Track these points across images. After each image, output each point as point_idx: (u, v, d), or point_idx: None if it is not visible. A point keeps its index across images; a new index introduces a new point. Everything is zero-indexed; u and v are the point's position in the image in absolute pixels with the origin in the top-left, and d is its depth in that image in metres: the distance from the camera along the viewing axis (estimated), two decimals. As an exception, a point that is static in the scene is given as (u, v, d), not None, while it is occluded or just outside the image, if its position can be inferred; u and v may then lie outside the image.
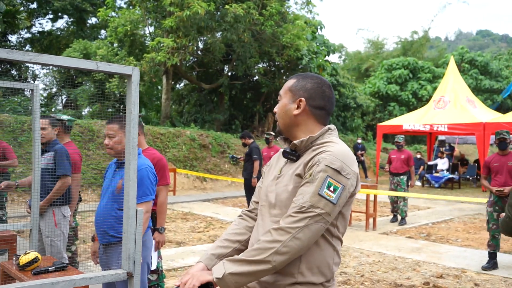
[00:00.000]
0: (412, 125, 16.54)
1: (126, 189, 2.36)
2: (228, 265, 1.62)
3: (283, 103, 1.88)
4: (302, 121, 1.85)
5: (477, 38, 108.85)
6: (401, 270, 6.00)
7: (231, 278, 1.59)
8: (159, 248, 3.90)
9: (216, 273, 1.61)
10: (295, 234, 1.60)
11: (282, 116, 1.87)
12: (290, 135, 1.89)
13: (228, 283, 1.60)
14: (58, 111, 21.78)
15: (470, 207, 11.90)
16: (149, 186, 3.08)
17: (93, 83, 21.15)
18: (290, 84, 1.89)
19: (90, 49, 20.65)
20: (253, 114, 23.16)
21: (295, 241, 1.59)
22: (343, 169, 1.67)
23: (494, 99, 30.21)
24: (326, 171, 1.65)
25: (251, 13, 17.10)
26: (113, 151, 3.11)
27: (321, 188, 1.63)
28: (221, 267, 1.62)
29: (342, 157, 1.69)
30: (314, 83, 1.88)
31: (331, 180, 1.64)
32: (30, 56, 2.07)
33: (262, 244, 1.62)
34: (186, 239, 7.55)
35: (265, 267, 1.60)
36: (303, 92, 1.86)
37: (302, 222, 1.61)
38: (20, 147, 11.19)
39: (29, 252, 2.84)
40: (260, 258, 1.60)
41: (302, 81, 1.89)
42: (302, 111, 1.84)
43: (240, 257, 1.63)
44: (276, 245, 1.60)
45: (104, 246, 3.11)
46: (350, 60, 39.45)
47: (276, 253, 1.59)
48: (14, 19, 17.46)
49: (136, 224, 2.39)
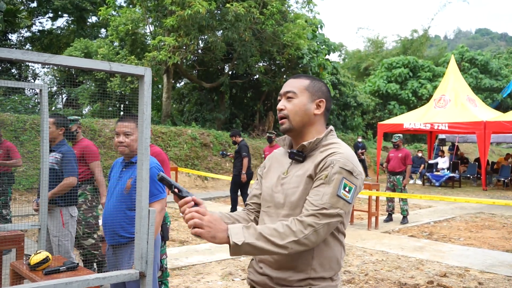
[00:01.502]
0: (413, 123, 16.56)
1: (139, 189, 2.36)
2: (248, 235, 1.62)
3: (301, 101, 1.90)
4: (317, 121, 1.93)
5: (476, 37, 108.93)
6: (404, 269, 6.01)
7: (246, 248, 1.61)
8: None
9: (235, 238, 1.60)
10: (318, 229, 1.67)
11: (300, 114, 1.89)
12: (300, 133, 1.92)
13: (241, 251, 1.62)
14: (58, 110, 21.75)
15: (471, 205, 11.92)
16: (160, 183, 3.08)
17: (94, 82, 21.14)
18: (305, 84, 1.93)
19: (91, 48, 20.63)
20: (253, 113, 23.16)
21: (315, 236, 1.67)
22: (354, 170, 1.76)
23: (494, 97, 30.26)
24: (341, 173, 1.73)
25: (252, 12, 17.09)
26: (128, 149, 3.09)
27: (339, 189, 1.71)
28: (240, 234, 1.62)
29: (351, 158, 1.79)
30: (326, 86, 1.99)
31: (346, 181, 1.73)
32: (45, 57, 2.08)
33: (286, 229, 1.65)
34: (190, 237, 7.56)
35: (280, 250, 1.64)
36: (321, 93, 1.94)
37: (325, 219, 1.69)
38: (22, 146, 11.19)
39: (40, 252, 2.85)
40: (281, 243, 1.63)
41: (316, 82, 1.95)
42: (322, 111, 1.92)
43: (261, 231, 1.64)
44: (299, 236, 1.65)
45: (113, 247, 3.08)
46: (350, 59, 39.43)
47: (296, 243, 1.64)
48: (15, 18, 17.43)
49: (149, 224, 2.40)
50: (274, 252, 1.64)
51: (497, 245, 7.48)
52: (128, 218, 2.98)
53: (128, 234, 3.00)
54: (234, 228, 1.63)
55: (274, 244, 1.63)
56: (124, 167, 3.14)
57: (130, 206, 2.94)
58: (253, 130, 21.37)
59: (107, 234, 3.07)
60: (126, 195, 3.00)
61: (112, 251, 3.08)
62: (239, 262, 6.13)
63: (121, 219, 2.98)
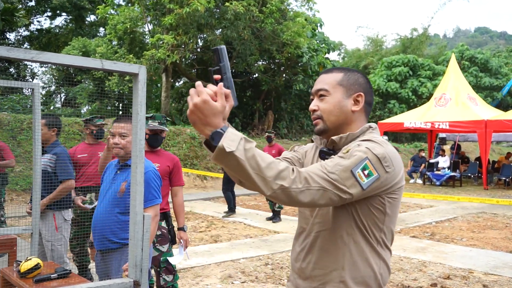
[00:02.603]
0: (413, 122, 16.48)
1: (133, 194, 2.25)
2: (242, 148, 1.35)
3: (337, 99, 1.68)
4: (356, 118, 1.71)
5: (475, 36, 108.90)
6: (407, 270, 5.90)
7: (231, 160, 1.34)
8: (187, 246, 4.03)
9: (227, 143, 1.33)
10: (311, 189, 1.42)
11: (336, 113, 1.68)
12: (337, 134, 1.70)
13: (224, 161, 1.36)
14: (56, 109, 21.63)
15: (473, 205, 11.81)
16: (156, 188, 2.96)
17: (92, 81, 21.01)
18: (338, 78, 1.71)
19: (89, 47, 20.51)
20: (253, 111, 23.05)
21: (305, 195, 1.41)
22: (385, 159, 1.52)
23: (494, 96, 30.18)
24: (366, 153, 1.50)
25: (251, 11, 16.99)
26: (123, 151, 2.97)
27: (356, 166, 1.47)
28: (236, 142, 1.34)
29: (388, 151, 1.55)
30: (364, 77, 1.75)
31: (369, 164, 1.48)
32: (32, 54, 1.96)
33: (284, 173, 1.40)
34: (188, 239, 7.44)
35: (263, 187, 1.38)
36: (358, 86, 1.71)
37: (324, 183, 1.44)
38: (19, 146, 11.07)
39: (30, 259, 2.73)
40: (269, 179, 1.37)
41: (351, 74, 1.73)
42: (360, 107, 1.71)
43: (257, 155, 1.37)
44: (291, 185, 1.40)
45: (101, 252, 2.96)
46: (349, 57, 39.32)
47: (283, 190, 1.39)
48: (12, 17, 17.31)
49: (143, 230, 2.29)
50: (255, 184, 1.37)
51: (500, 246, 7.37)
52: (120, 223, 2.86)
53: (118, 239, 2.88)
54: (233, 133, 1.36)
55: (261, 177, 1.36)
56: (119, 169, 3.02)
57: (123, 210, 2.83)
58: (253, 129, 21.27)
59: (96, 239, 2.95)
60: (119, 199, 2.88)
61: (101, 257, 2.96)
62: (238, 264, 6.02)
63: (112, 223, 2.86)
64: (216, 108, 1.36)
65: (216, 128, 1.36)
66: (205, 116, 1.35)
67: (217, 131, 1.36)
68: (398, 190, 1.60)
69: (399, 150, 23.76)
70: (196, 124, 1.37)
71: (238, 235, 7.80)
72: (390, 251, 1.67)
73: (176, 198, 4.04)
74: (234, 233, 7.96)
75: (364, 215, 1.58)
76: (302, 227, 1.76)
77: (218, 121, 1.37)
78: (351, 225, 1.59)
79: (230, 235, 7.82)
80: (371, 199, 1.56)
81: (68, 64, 2.05)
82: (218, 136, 1.35)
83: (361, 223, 1.58)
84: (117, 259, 2.90)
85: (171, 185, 4.04)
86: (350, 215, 1.59)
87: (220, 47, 1.44)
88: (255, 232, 8.13)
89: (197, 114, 1.35)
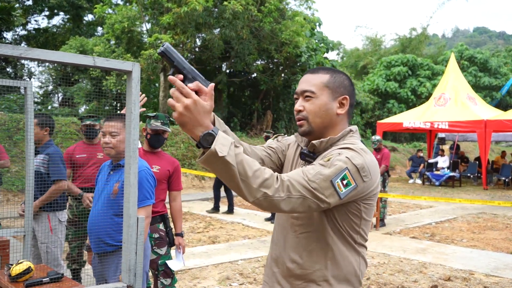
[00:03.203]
0: (413, 122, 16.43)
1: (126, 195, 2.17)
2: (232, 153, 1.35)
3: (322, 101, 1.67)
4: (340, 121, 1.73)
5: (474, 35, 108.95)
6: (407, 272, 5.83)
7: (220, 164, 1.34)
8: (184, 252, 3.95)
9: (219, 147, 1.33)
10: (291, 197, 1.44)
11: (322, 116, 1.68)
12: (321, 136, 1.71)
13: (213, 164, 1.35)
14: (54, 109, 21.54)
15: (473, 205, 11.75)
16: (149, 189, 2.88)
17: (90, 81, 20.91)
18: (325, 79, 1.70)
19: (86, 46, 20.41)
20: (251, 111, 22.98)
21: (285, 202, 1.44)
22: (364, 170, 1.54)
23: (493, 96, 30.14)
24: (346, 163, 1.52)
25: (249, 10, 16.91)
26: (114, 150, 2.89)
27: (336, 176, 1.49)
28: (226, 147, 1.35)
29: (367, 160, 1.58)
30: (348, 79, 1.75)
31: (348, 174, 1.51)
32: (20, 51, 1.88)
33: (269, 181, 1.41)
34: (186, 240, 7.36)
35: (247, 194, 1.40)
36: (344, 89, 1.72)
37: (304, 193, 1.46)
38: (16, 146, 10.98)
39: (21, 262, 2.64)
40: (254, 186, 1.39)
41: (337, 76, 1.72)
42: (345, 110, 1.72)
43: (245, 161, 1.38)
44: (274, 194, 1.41)
45: (98, 255, 2.89)
46: (348, 57, 39.26)
47: (266, 198, 1.41)
48: (9, 16, 17.17)
49: (137, 233, 2.21)
50: (240, 189, 1.39)
51: (501, 247, 7.31)
52: (115, 225, 2.79)
53: (114, 242, 2.81)
54: (224, 137, 1.36)
55: (246, 184, 1.38)
56: (112, 170, 2.94)
57: (118, 211, 2.75)
58: (251, 129, 21.19)
59: (92, 242, 2.88)
60: (113, 200, 2.80)
61: (98, 259, 2.89)
62: (236, 266, 5.95)
63: (107, 225, 2.78)
64: (206, 108, 1.37)
65: (207, 129, 1.37)
66: (196, 117, 1.35)
67: (208, 132, 1.36)
68: (373, 196, 1.65)
69: (398, 150, 23.72)
70: (187, 125, 1.36)
71: (236, 236, 7.73)
72: (365, 247, 1.74)
73: (175, 203, 3.95)
74: (232, 234, 7.88)
75: (342, 219, 1.64)
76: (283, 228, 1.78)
77: (208, 121, 1.38)
78: (332, 228, 1.64)
79: (228, 236, 7.75)
80: (348, 205, 1.61)
81: (58, 61, 1.97)
82: (211, 138, 1.36)
83: (340, 226, 1.64)
84: (114, 262, 2.83)
85: (170, 190, 3.95)
86: (330, 219, 1.64)
87: (162, 49, 1.38)
88: (253, 233, 8.06)
89: (188, 116, 1.35)
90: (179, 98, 1.33)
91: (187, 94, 1.34)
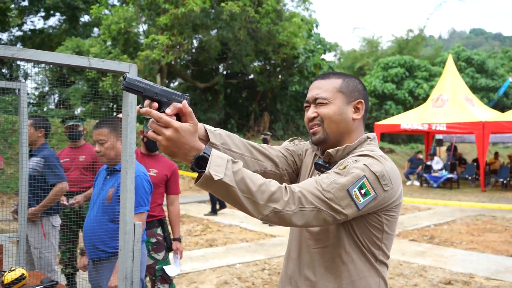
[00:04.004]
0: (410, 124, 16.38)
1: (123, 201, 2.10)
2: (230, 173, 1.26)
3: (337, 107, 1.57)
4: (356, 127, 1.62)
5: (470, 37, 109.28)
6: (407, 276, 5.77)
7: (218, 187, 1.26)
8: (181, 257, 3.87)
9: (214, 169, 1.24)
10: (303, 210, 1.34)
11: (338, 122, 1.57)
12: (336, 145, 1.60)
13: (211, 188, 1.26)
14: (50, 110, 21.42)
15: (471, 207, 11.70)
16: (144, 195, 2.79)
17: (86, 82, 20.80)
18: (337, 84, 1.60)
19: (83, 47, 20.31)
20: (248, 113, 22.92)
21: (298, 216, 1.34)
22: (384, 178, 1.42)
23: (490, 97, 30.16)
24: (364, 170, 1.40)
25: (247, 11, 16.85)
26: (105, 158, 2.82)
27: (353, 185, 1.37)
28: (222, 167, 1.26)
29: (387, 167, 1.46)
30: (361, 83, 1.65)
31: (366, 182, 1.39)
32: (13, 51, 1.81)
33: (277, 195, 1.31)
34: (183, 243, 7.28)
35: (254, 213, 1.30)
36: (358, 93, 1.62)
37: (319, 204, 1.35)
38: (11, 147, 10.88)
39: (15, 269, 2.56)
40: (261, 203, 1.29)
41: (350, 80, 1.62)
42: (361, 115, 1.62)
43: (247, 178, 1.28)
44: (284, 207, 1.31)
45: (93, 262, 2.82)
46: (345, 59, 39.23)
47: (276, 213, 1.31)
48: (5, 17, 17.11)
49: (134, 240, 2.14)
50: (245, 208, 1.29)
51: (501, 250, 7.25)
52: (110, 231, 2.71)
53: (109, 248, 2.73)
54: (219, 157, 1.27)
55: (252, 201, 1.28)
56: (108, 174, 2.86)
57: (113, 217, 2.68)
58: (248, 131, 21.12)
59: (87, 248, 2.81)
60: (108, 206, 2.73)
61: (93, 266, 2.81)
62: (234, 270, 5.87)
63: (102, 231, 2.71)
64: (190, 130, 1.27)
65: (199, 152, 1.27)
66: (183, 144, 1.26)
67: (200, 156, 1.27)
68: (396, 207, 1.53)
69: (396, 152, 23.70)
70: (177, 155, 1.27)
71: (234, 239, 7.65)
72: (387, 266, 1.60)
73: (173, 207, 3.88)
74: (230, 237, 7.81)
75: (361, 232, 1.51)
76: (298, 241, 1.65)
77: (197, 143, 1.28)
78: (349, 243, 1.52)
79: (226, 239, 7.67)
80: (368, 216, 1.49)
81: (52, 62, 1.90)
82: (203, 161, 1.26)
83: (359, 241, 1.52)
84: (108, 268, 2.76)
85: (167, 193, 3.88)
86: (348, 232, 1.52)
87: (124, 83, 1.26)
88: (251, 236, 7.98)
89: (174, 145, 1.25)
90: (159, 131, 1.24)
91: (166, 123, 1.23)
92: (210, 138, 1.49)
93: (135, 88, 1.26)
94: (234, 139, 1.58)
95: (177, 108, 1.28)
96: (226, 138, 1.55)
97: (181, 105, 1.28)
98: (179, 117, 1.29)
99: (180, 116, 1.29)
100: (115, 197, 2.71)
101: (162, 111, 1.28)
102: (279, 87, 22.05)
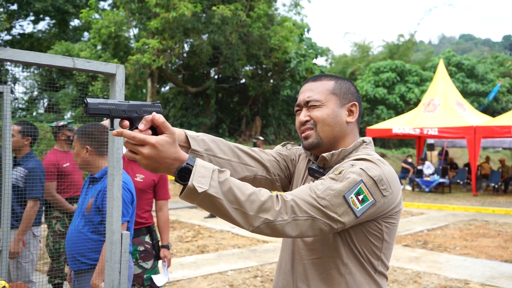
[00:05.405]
0: (402, 128, 16.37)
1: (109, 210, 1.99)
2: (215, 183, 1.18)
3: (331, 109, 1.49)
4: (351, 130, 1.54)
5: (460, 42, 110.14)
6: (401, 282, 5.68)
7: (204, 199, 1.17)
8: (169, 265, 3.72)
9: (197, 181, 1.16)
10: (297, 219, 1.25)
11: (332, 125, 1.49)
12: (330, 149, 1.51)
13: (196, 201, 1.18)
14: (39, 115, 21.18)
15: (464, 212, 11.67)
16: (124, 205, 2.68)
17: (75, 86, 20.60)
18: (330, 86, 1.52)
19: (72, 51, 20.12)
20: (240, 117, 22.83)
21: (292, 226, 1.25)
22: (382, 182, 1.34)
23: (481, 102, 30.32)
24: (360, 175, 1.32)
25: (238, 15, 16.80)
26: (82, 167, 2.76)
27: (349, 191, 1.29)
28: (207, 178, 1.17)
29: (385, 171, 1.37)
30: (353, 85, 1.58)
31: (364, 188, 1.30)
32: (-9, 51, 1.70)
33: (267, 204, 1.22)
34: (174, 249, 7.16)
35: (245, 223, 1.21)
36: (351, 95, 1.54)
37: (313, 213, 1.26)
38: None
39: (-5, 281, 2.45)
40: (251, 213, 1.20)
41: (342, 82, 1.55)
42: (355, 118, 1.54)
43: (234, 188, 1.20)
44: (276, 219, 1.23)
45: (75, 273, 2.71)
46: (337, 63, 39.30)
47: (267, 224, 1.22)
48: (-7, 20, 16.90)
49: (121, 251, 2.03)
50: (234, 220, 1.21)
51: (494, 255, 7.20)
52: (90, 242, 2.61)
53: (89, 260, 2.63)
54: (203, 167, 1.18)
55: (241, 212, 1.20)
56: (90, 183, 2.76)
57: (93, 228, 2.57)
58: (240, 135, 21.02)
59: (69, 258, 2.70)
60: (87, 216, 2.62)
61: (75, 277, 2.70)
62: (226, 277, 5.75)
63: (82, 242, 2.59)
64: (168, 142, 1.17)
65: (182, 163, 1.19)
66: (163, 158, 1.17)
67: (182, 167, 1.18)
68: (396, 214, 1.45)
69: (387, 156, 23.70)
70: (159, 170, 1.19)
71: (226, 245, 7.53)
72: (386, 278, 1.52)
73: (162, 213, 3.73)
74: (222, 243, 7.69)
75: (360, 242, 1.42)
76: (291, 252, 1.55)
77: (179, 154, 1.19)
78: (347, 253, 1.43)
79: (218, 245, 7.55)
80: (367, 224, 1.41)
81: (34, 62, 1.78)
82: (187, 172, 1.18)
83: (357, 251, 1.43)
84: (89, 280, 2.64)
85: (156, 199, 3.74)
86: (345, 241, 1.43)
87: (88, 110, 1.17)
88: (243, 241, 7.87)
89: (154, 162, 1.17)
90: (136, 149, 1.16)
91: (141, 141, 1.14)
92: (192, 145, 1.40)
93: (100, 112, 1.18)
94: (220, 144, 1.48)
95: (149, 121, 1.19)
96: (211, 143, 1.45)
97: (151, 117, 1.19)
98: (155, 129, 1.20)
99: (155, 128, 1.20)
100: (94, 208, 2.61)
101: (135, 127, 1.20)
102: (271, 92, 21.99)
